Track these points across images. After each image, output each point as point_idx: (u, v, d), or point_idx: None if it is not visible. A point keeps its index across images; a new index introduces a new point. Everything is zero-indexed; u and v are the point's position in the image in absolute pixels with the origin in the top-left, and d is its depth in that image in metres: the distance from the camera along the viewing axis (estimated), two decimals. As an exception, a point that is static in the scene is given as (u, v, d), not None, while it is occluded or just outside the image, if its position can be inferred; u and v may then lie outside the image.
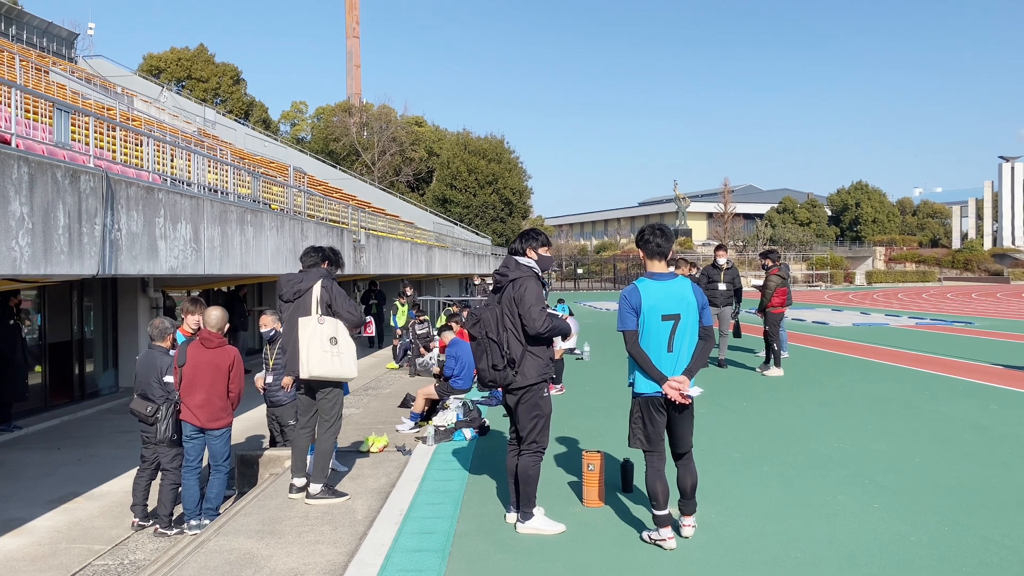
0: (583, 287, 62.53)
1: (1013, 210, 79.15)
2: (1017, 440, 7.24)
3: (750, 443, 7.30)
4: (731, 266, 12.94)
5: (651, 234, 4.65)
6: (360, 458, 7.03)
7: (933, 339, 17.28)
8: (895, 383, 10.89)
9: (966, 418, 8.30)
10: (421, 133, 63.45)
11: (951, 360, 13.32)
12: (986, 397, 9.60)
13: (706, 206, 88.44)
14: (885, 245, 78.40)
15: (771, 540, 4.70)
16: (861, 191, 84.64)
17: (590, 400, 9.84)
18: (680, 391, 4.45)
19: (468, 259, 34.00)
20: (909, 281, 67.57)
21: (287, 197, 14.70)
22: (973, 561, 4.32)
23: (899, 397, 9.69)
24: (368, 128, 60.33)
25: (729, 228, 78.48)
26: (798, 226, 78.74)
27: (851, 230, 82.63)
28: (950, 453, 6.79)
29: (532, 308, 4.78)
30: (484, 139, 58.42)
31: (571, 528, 4.93)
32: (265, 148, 36.73)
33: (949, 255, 76.08)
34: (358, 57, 70.45)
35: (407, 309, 16.56)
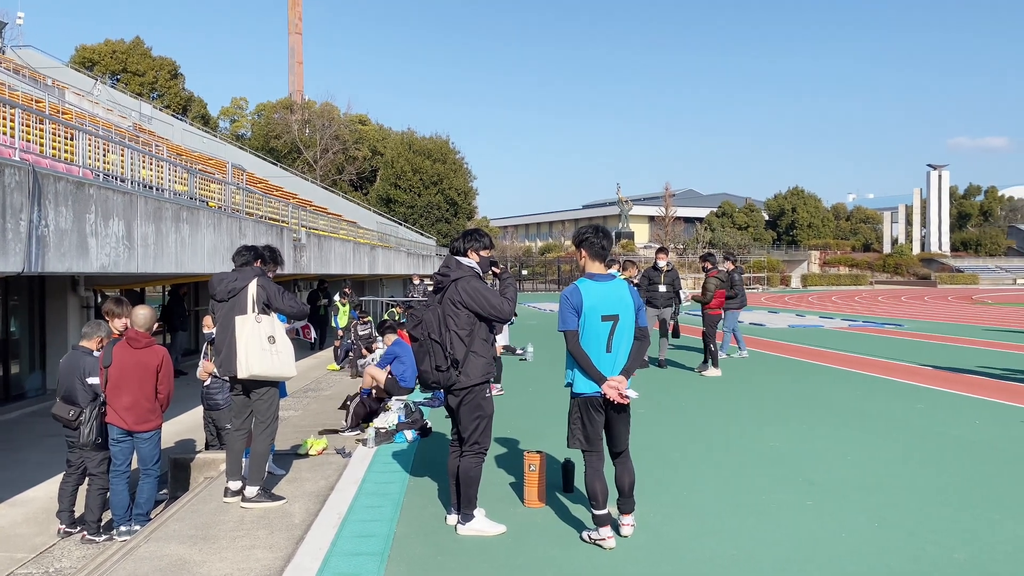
0: (527, 288, 62.70)
1: (940, 216, 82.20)
2: (942, 438, 7.50)
3: (688, 442, 7.41)
4: (671, 268, 13.14)
5: (595, 235, 4.68)
6: (298, 460, 6.91)
7: (865, 341, 17.82)
8: (829, 384, 11.19)
9: (895, 417, 8.57)
10: (365, 132, 62.77)
11: (882, 361, 13.74)
12: (914, 397, 9.93)
13: (648, 209, 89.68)
14: (820, 249, 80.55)
15: (708, 538, 4.77)
16: (797, 196, 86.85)
17: (532, 400, 9.86)
18: (619, 391, 4.49)
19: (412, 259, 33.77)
20: (842, 284, 69.55)
21: (225, 194, 14.38)
22: (901, 557, 4.45)
23: (832, 397, 9.96)
24: (310, 126, 59.43)
25: (670, 231, 79.65)
26: (736, 230, 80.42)
27: (787, 234, 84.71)
28: (880, 451, 7.00)
29: (491, 298, 4.81)
30: (429, 139, 58.09)
31: (512, 529, 4.92)
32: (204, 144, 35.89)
33: (880, 259, 78.56)
34: (300, 54, 69.36)
35: (349, 310, 16.35)
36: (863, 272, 74.98)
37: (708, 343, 12.27)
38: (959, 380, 11.29)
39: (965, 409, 9.02)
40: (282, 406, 9.17)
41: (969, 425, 8.11)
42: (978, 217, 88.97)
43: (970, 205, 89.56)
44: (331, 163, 59.01)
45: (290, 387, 11.27)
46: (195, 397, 7.86)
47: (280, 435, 7.66)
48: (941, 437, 7.55)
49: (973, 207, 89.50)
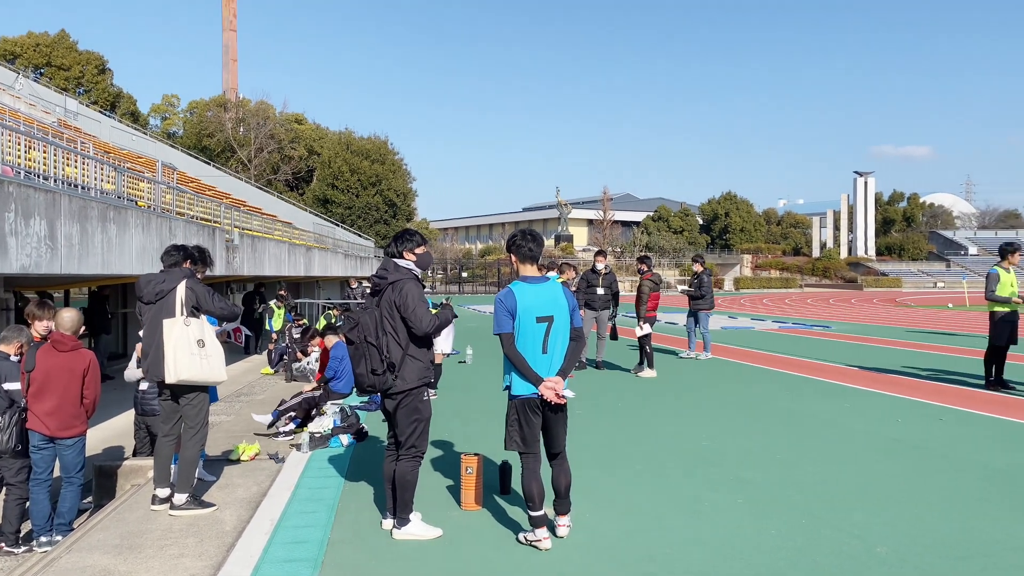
0: (467, 291, 62.64)
1: (866, 222, 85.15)
2: (868, 436, 7.76)
3: (624, 442, 7.50)
4: (609, 271, 13.28)
5: (523, 239, 4.73)
6: (230, 466, 6.75)
7: (794, 342, 18.32)
8: (760, 384, 11.46)
9: (823, 416, 8.83)
10: (301, 131, 61.80)
11: (810, 361, 14.15)
12: (841, 396, 10.25)
13: (587, 213, 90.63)
14: (752, 253, 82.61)
15: (643, 537, 4.83)
16: (730, 201, 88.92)
17: (470, 403, 9.84)
18: (556, 391, 4.52)
19: (350, 261, 33.37)
20: (773, 287, 71.46)
21: (155, 194, 13.96)
22: (826, 551, 4.58)
23: (763, 397, 10.21)
24: (245, 124, 58.24)
25: (608, 235, 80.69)
26: (672, 234, 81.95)
27: (721, 238, 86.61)
28: (808, 449, 7.20)
29: (416, 309, 4.74)
30: (367, 139, 57.56)
31: (448, 532, 4.90)
32: (133, 142, 34.80)
33: (809, 263, 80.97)
34: (235, 51, 67.89)
35: (284, 312, 16.07)
36: (793, 275, 77.16)
37: (644, 345, 12.44)
38: (883, 380, 11.70)
39: (889, 408, 9.35)
40: (214, 411, 8.97)
41: (892, 423, 8.41)
42: (901, 223, 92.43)
43: (894, 211, 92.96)
44: (266, 163, 57.94)
45: (223, 391, 11.02)
46: (122, 402, 7.62)
47: (212, 440, 7.47)
48: (866, 435, 7.81)
49: (897, 213, 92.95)
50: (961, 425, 8.29)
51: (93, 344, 14.69)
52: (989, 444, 7.38)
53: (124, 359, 14.29)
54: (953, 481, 6.09)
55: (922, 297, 50.64)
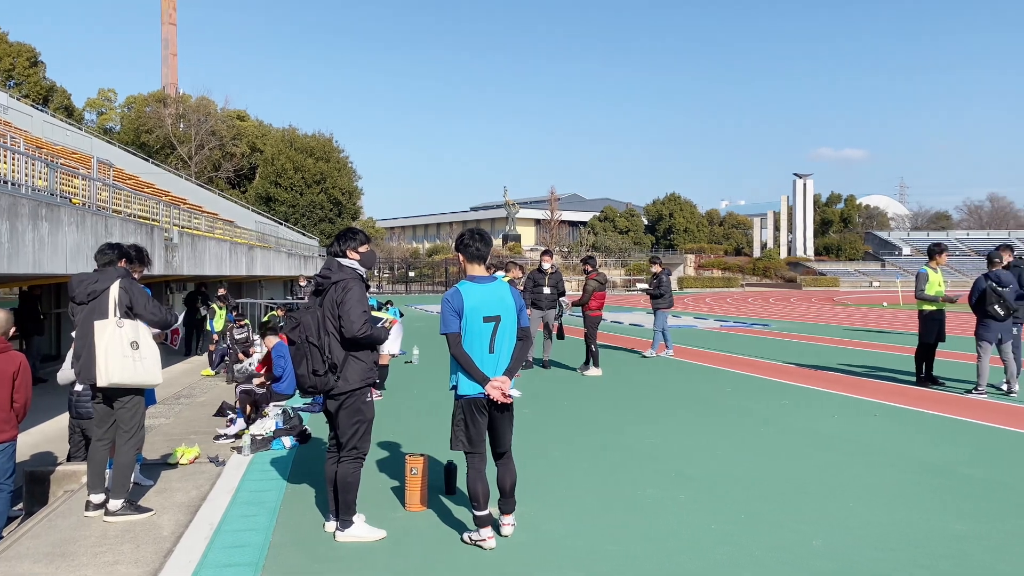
0: (415, 290, 62.30)
1: (805, 222, 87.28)
2: (805, 432, 7.97)
3: (570, 441, 7.55)
4: (555, 271, 13.36)
5: (470, 239, 4.73)
6: (168, 471, 6.59)
7: (735, 340, 18.70)
8: (702, 381, 11.67)
9: (762, 412, 9.04)
10: (243, 128, 60.61)
11: (751, 359, 14.46)
12: (780, 393, 10.50)
13: (534, 212, 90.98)
14: (695, 253, 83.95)
15: (587, 535, 4.88)
16: (674, 202, 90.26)
17: (417, 403, 9.81)
18: (502, 391, 4.53)
19: (294, 260, 32.87)
20: (716, 286, 72.71)
21: (90, 191, 13.54)
22: (764, 544, 4.69)
23: (706, 395, 10.40)
24: (185, 120, 56.88)
25: (555, 234, 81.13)
26: (618, 234, 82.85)
27: (665, 238, 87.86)
28: (748, 445, 7.36)
29: (352, 310, 4.67)
30: (312, 136, 56.76)
31: (392, 533, 4.87)
32: (67, 138, 33.67)
33: (751, 263, 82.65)
34: (175, 45, 66.30)
35: (225, 313, 15.75)
36: (735, 275, 78.64)
37: (589, 344, 12.56)
38: (820, 376, 12.02)
39: (825, 404, 9.62)
40: (152, 413, 8.76)
41: (828, 419, 8.65)
42: (839, 224, 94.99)
43: (832, 212, 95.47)
44: (207, 160, 56.69)
45: (162, 393, 10.76)
46: (57, 406, 7.39)
47: (149, 444, 7.30)
48: (803, 431, 8.01)
49: (835, 214, 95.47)
50: (893, 420, 8.57)
51: (24, 346, 14.19)
52: (920, 438, 7.64)
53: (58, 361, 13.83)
54: (885, 475, 6.29)
55: (858, 296, 52.17)
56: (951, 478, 6.16)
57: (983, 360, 9.98)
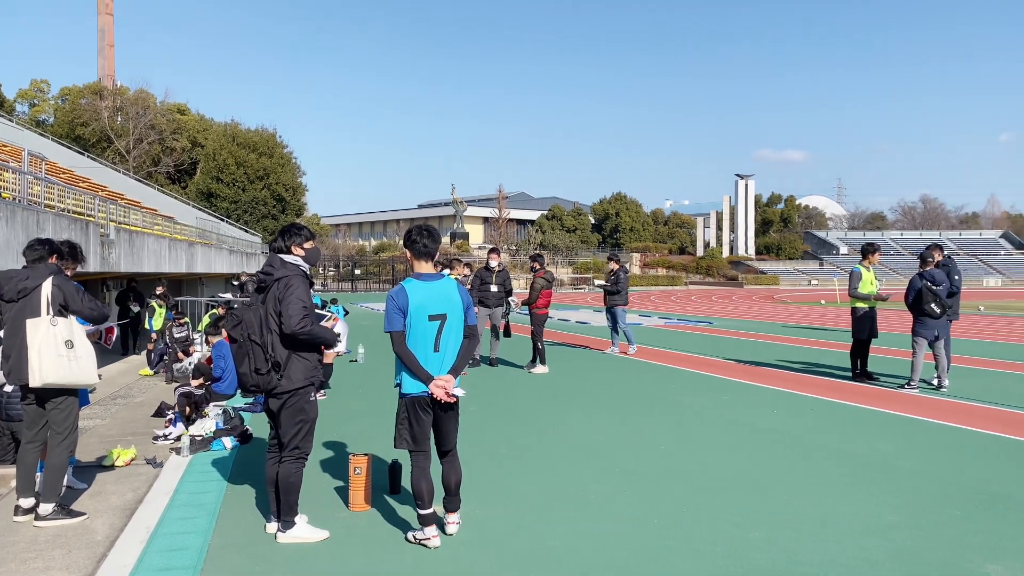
0: (361, 288, 61.70)
1: (746, 222, 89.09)
2: (745, 427, 8.13)
3: (515, 438, 7.57)
4: (503, 269, 13.38)
5: (418, 235, 4.69)
6: (103, 473, 6.41)
7: (679, 337, 18.98)
8: (647, 378, 11.82)
9: (704, 408, 9.19)
10: (184, 121, 59.18)
11: (693, 356, 14.70)
12: (721, 389, 10.70)
13: (482, 211, 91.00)
14: (641, 252, 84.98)
15: (531, 531, 4.90)
16: (620, 201, 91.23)
17: (361, 403, 9.72)
18: (446, 390, 4.51)
19: (236, 257, 32.26)
20: (660, 285, 73.72)
21: (21, 185, 13.06)
22: (704, 538, 4.78)
23: (649, 391, 10.53)
24: (123, 113, 55.27)
25: (503, 232, 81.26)
26: (565, 232, 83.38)
27: (612, 237, 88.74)
28: (689, 440, 7.48)
29: (292, 305, 4.60)
30: (255, 131, 55.74)
31: (336, 533, 4.82)
32: (-4, 129, 32.44)
33: (694, 261, 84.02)
34: (112, 35, 64.33)
35: (165, 311, 15.36)
36: (679, 273, 79.86)
37: (536, 342, 12.61)
38: (760, 372, 12.29)
39: (765, 399, 9.83)
40: (87, 415, 8.51)
41: (768, 414, 8.84)
42: (779, 223, 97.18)
43: (772, 212, 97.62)
44: (146, 154, 55.19)
45: (97, 393, 10.45)
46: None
47: (83, 445, 7.09)
48: (744, 425, 8.18)
49: (775, 214, 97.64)
50: (830, 414, 8.81)
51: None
52: (855, 432, 7.87)
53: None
54: (822, 467, 6.46)
55: (797, 294, 53.46)
56: (884, 470, 6.36)
57: (918, 356, 10.32)
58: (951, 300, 10.54)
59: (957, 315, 10.96)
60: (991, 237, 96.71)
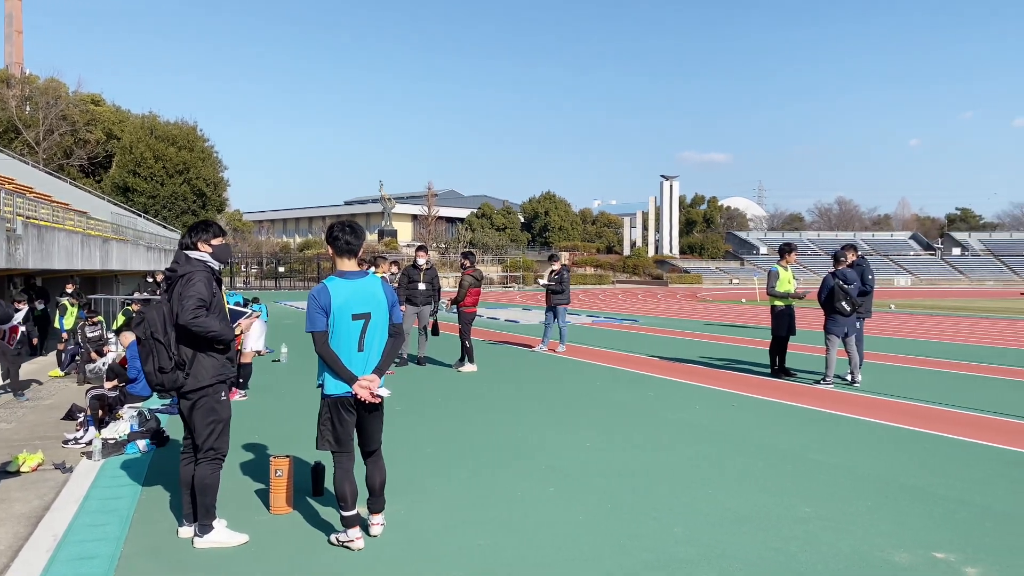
0: (284, 286, 60.47)
1: (671, 222, 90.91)
2: (669, 422, 8.28)
3: (442, 437, 7.53)
4: (431, 266, 13.30)
5: (341, 231, 4.59)
6: (7, 479, 6.09)
7: (605, 335, 19.23)
8: (574, 376, 11.92)
9: (629, 405, 9.32)
10: (99, 113, 56.84)
11: (620, 353, 14.91)
12: (646, 385, 10.87)
13: (411, 208, 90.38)
14: (569, 251, 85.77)
15: (458, 531, 4.87)
16: (550, 201, 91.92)
17: (283, 404, 9.51)
18: (370, 390, 4.44)
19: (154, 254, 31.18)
20: (588, 283, 74.54)
21: (-83, 175, 12.33)
22: (629, 533, 4.84)
23: (576, 388, 10.62)
24: (32, 103, 52.75)
25: (433, 230, 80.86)
26: (495, 231, 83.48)
27: (541, 236, 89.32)
28: (615, 437, 7.57)
29: (188, 299, 4.46)
30: (174, 124, 53.93)
31: (256, 537, 4.69)
32: None
33: (621, 261, 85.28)
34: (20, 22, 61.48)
35: (77, 310, 14.73)
36: (606, 272, 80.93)
37: (464, 340, 12.57)
38: (683, 369, 12.54)
39: (688, 395, 10.04)
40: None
41: (691, 409, 9.03)
42: (702, 224, 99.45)
43: (696, 213, 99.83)
44: (57, 146, 52.82)
45: (2, 396, 9.93)
46: None
47: (-16, 452, 6.72)
48: (667, 421, 8.33)
49: (698, 215, 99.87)
50: (750, 410, 9.05)
51: None
52: (773, 426, 8.10)
53: None
54: (742, 461, 6.63)
55: (719, 293, 54.82)
56: (800, 463, 6.56)
57: (831, 352, 10.70)
58: (864, 299, 10.96)
59: (870, 313, 11.41)
60: (901, 238, 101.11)
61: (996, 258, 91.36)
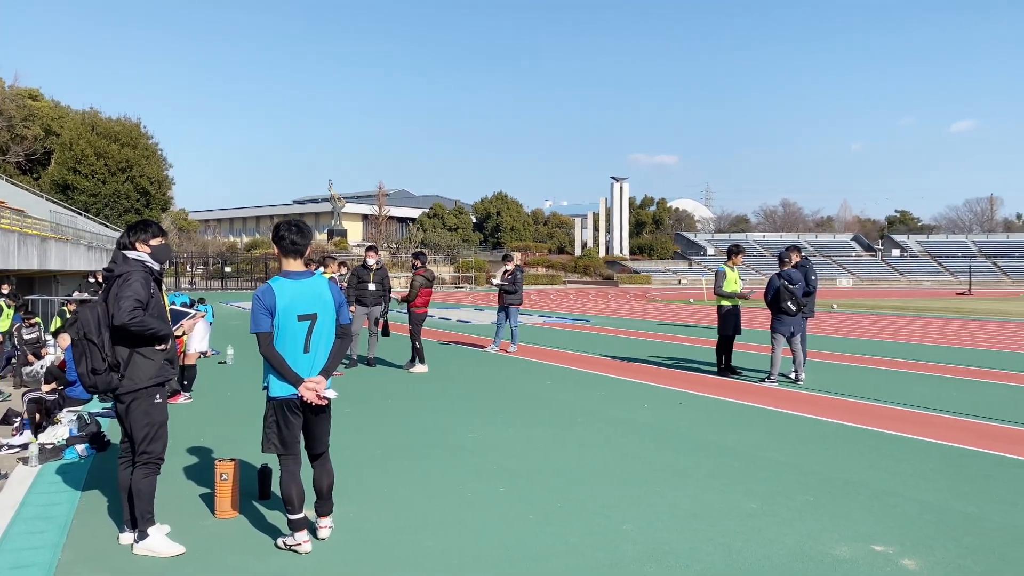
0: (231, 287, 59.39)
1: (621, 223, 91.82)
2: (618, 422, 8.36)
3: (393, 438, 7.48)
4: (381, 266, 13.20)
5: (287, 230, 4.53)
6: (-64, 488, 5.86)
7: (557, 335, 19.33)
8: (525, 376, 11.96)
9: (579, 404, 9.39)
10: (36, 108, 55.04)
11: (571, 353, 15.00)
12: (596, 385, 10.96)
13: (362, 207, 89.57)
14: (521, 251, 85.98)
15: (407, 532, 4.84)
16: (502, 201, 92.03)
17: (229, 406, 9.34)
18: (317, 392, 4.39)
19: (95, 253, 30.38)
20: (540, 284, 74.81)
21: None
22: (579, 531, 4.87)
23: (527, 388, 10.65)
24: (-36, 97, 50.89)
25: (383, 230, 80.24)
26: (447, 231, 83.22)
27: (493, 236, 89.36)
28: (566, 436, 7.61)
29: (124, 299, 4.35)
30: (116, 121, 52.57)
31: (201, 542, 4.59)
32: None
33: (572, 261, 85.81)
34: (-48, 11, 59.10)
35: (13, 311, 14.25)
36: (558, 272, 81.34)
37: (414, 341, 12.51)
38: (634, 368, 12.68)
39: (637, 394, 10.14)
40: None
41: (640, 408, 9.13)
42: (652, 225, 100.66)
43: (645, 214, 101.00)
44: (-8, 142, 51.02)
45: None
46: None
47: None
48: (617, 420, 8.41)
49: (648, 216, 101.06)
50: (697, 408, 9.19)
51: None
52: (719, 424, 8.24)
53: None
54: (689, 459, 6.72)
55: (668, 293, 55.58)
56: (746, 460, 6.69)
57: (776, 351, 10.92)
58: (807, 299, 11.22)
59: (813, 313, 11.68)
60: (843, 240, 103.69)
61: (933, 259, 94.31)
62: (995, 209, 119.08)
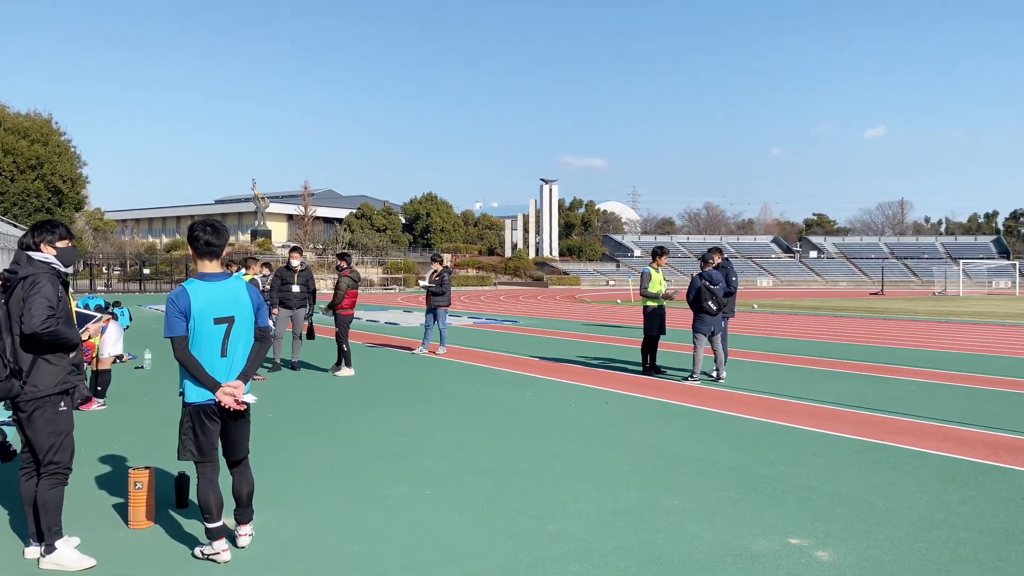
0: (150, 289, 57.45)
1: (551, 225, 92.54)
2: (545, 421, 8.41)
3: (316, 443, 7.36)
4: (305, 268, 12.98)
5: (201, 231, 4.40)
6: None
7: (487, 336, 19.34)
8: (453, 377, 11.92)
9: (507, 405, 9.41)
10: (-61, 102, 52.21)
11: (500, 354, 15.02)
12: (524, 385, 11.01)
13: (287, 208, 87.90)
14: (452, 252, 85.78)
15: (331, 538, 4.76)
16: (431, 202, 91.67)
17: (145, 412, 9.03)
18: (235, 397, 4.28)
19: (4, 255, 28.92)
20: (471, 285, 74.78)
21: None
22: (504, 532, 4.88)
23: (455, 390, 10.62)
24: None
25: (309, 231, 78.91)
26: (375, 232, 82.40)
27: (423, 237, 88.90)
28: (492, 437, 7.62)
29: (35, 304, 4.17)
30: (25, 116, 50.21)
31: (112, 555, 4.42)
32: None
33: (503, 262, 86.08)
34: None
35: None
36: (488, 274, 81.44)
37: (341, 343, 12.33)
38: (561, 368, 12.78)
39: (564, 394, 10.23)
40: None
41: (566, 408, 9.21)
42: (580, 227, 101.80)
43: (574, 216, 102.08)
44: None
45: None
46: None
47: None
48: (544, 420, 8.46)
49: (577, 218, 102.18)
50: (622, 407, 9.33)
51: None
52: (644, 422, 8.38)
53: None
54: (613, 457, 6.81)
55: (596, 294, 56.27)
56: (669, 458, 6.82)
57: (699, 350, 11.17)
58: (728, 299, 11.52)
59: (734, 313, 12.00)
60: (764, 242, 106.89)
61: (848, 260, 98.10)
62: (906, 212, 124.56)
